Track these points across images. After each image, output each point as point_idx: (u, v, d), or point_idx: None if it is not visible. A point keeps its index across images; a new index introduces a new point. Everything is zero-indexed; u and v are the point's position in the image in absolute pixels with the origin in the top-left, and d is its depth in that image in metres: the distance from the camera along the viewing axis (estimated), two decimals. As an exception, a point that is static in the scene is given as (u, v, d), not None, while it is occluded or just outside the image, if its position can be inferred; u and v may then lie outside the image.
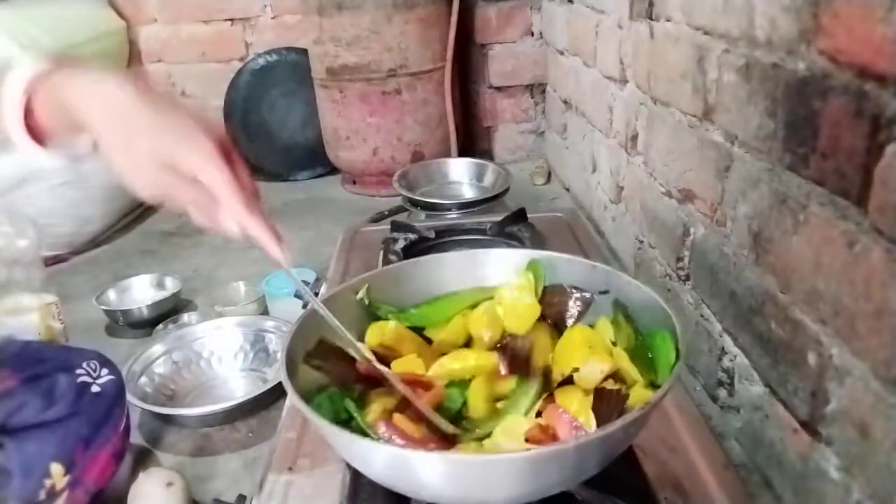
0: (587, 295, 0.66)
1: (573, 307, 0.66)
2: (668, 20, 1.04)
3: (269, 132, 2.26)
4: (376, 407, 0.57)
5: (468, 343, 0.67)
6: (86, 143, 0.56)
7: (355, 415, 0.56)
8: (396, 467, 0.50)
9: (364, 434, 0.53)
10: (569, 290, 0.67)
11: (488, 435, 0.55)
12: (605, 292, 0.66)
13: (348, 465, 0.63)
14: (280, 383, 1.09)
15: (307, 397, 0.54)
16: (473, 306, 0.68)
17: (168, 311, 1.46)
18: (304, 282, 1.11)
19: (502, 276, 0.71)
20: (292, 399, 0.51)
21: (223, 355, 1.27)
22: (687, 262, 1.01)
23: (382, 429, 0.53)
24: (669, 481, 0.61)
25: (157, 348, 1.23)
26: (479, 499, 0.50)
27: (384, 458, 0.49)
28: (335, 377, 0.59)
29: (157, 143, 0.51)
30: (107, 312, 1.44)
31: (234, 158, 0.54)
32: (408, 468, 0.48)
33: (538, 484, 0.48)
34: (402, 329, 0.65)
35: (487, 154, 2.31)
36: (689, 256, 1.00)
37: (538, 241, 1.06)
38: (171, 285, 1.52)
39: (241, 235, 0.53)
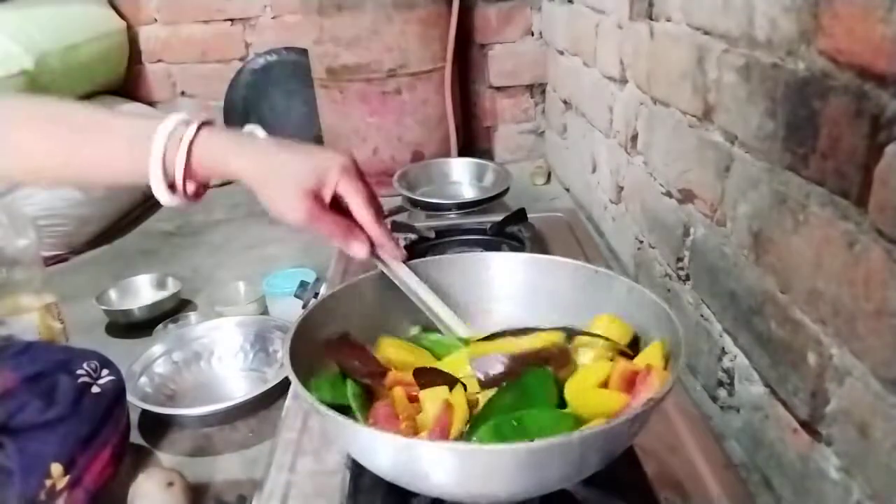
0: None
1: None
2: (668, 20, 1.04)
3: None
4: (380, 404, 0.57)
5: None
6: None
7: (353, 404, 0.56)
8: (399, 457, 0.49)
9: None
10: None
11: None
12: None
13: (348, 466, 0.64)
14: (280, 383, 1.11)
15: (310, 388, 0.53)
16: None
17: (168, 311, 1.46)
18: (302, 282, 1.11)
19: (502, 278, 0.71)
20: (296, 388, 0.51)
21: (223, 355, 1.27)
22: (687, 262, 1.01)
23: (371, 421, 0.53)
24: (669, 481, 0.61)
25: (157, 348, 1.23)
26: (482, 491, 0.49)
27: (388, 447, 0.49)
28: (353, 371, 0.59)
29: (302, 177, 0.58)
30: (107, 312, 1.44)
31: (364, 178, 0.61)
32: (411, 458, 0.48)
33: (541, 476, 0.48)
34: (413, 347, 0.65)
35: (487, 154, 2.31)
36: (689, 256, 1.00)
37: (538, 242, 1.06)
38: (171, 285, 1.52)
39: (367, 255, 0.62)
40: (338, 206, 0.60)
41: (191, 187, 0.61)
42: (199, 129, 0.59)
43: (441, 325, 0.65)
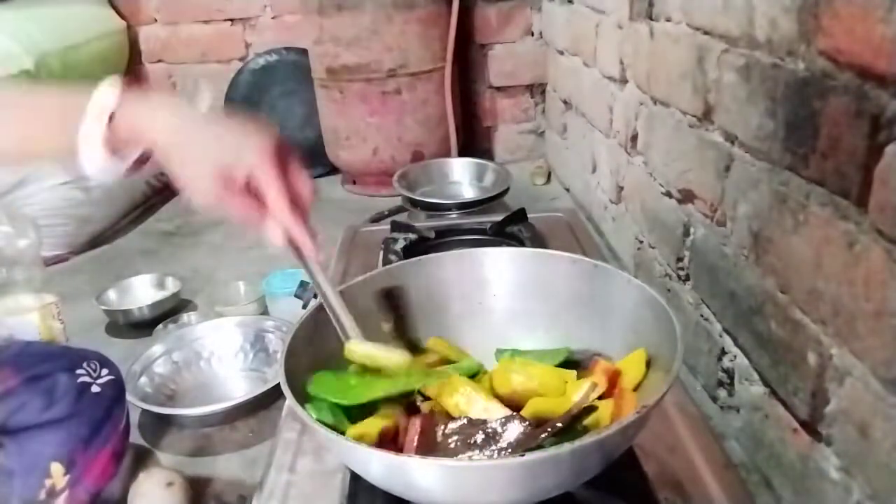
0: None
1: None
2: (668, 20, 1.04)
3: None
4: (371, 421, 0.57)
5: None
6: (130, 159, 0.60)
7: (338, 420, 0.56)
8: (393, 473, 0.50)
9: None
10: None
11: None
12: None
13: (348, 466, 0.64)
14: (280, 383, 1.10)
15: (306, 400, 0.54)
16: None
17: (168, 311, 1.46)
18: (302, 282, 1.11)
19: (501, 276, 0.71)
20: (291, 404, 0.51)
21: (223, 355, 1.27)
22: (687, 262, 1.01)
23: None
24: (669, 481, 0.61)
25: (157, 348, 1.23)
26: (477, 502, 0.50)
27: (381, 464, 0.49)
28: None
29: (214, 156, 0.54)
30: (107, 312, 1.44)
31: (290, 160, 0.57)
32: (404, 474, 0.49)
33: (536, 488, 0.48)
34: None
35: (487, 154, 2.31)
36: (689, 256, 1.00)
37: (538, 241, 1.06)
38: (171, 285, 1.52)
39: (283, 243, 0.57)
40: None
41: (123, 156, 0.58)
42: (123, 95, 0.56)
43: (342, 332, 0.62)
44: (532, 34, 2.18)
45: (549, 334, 0.68)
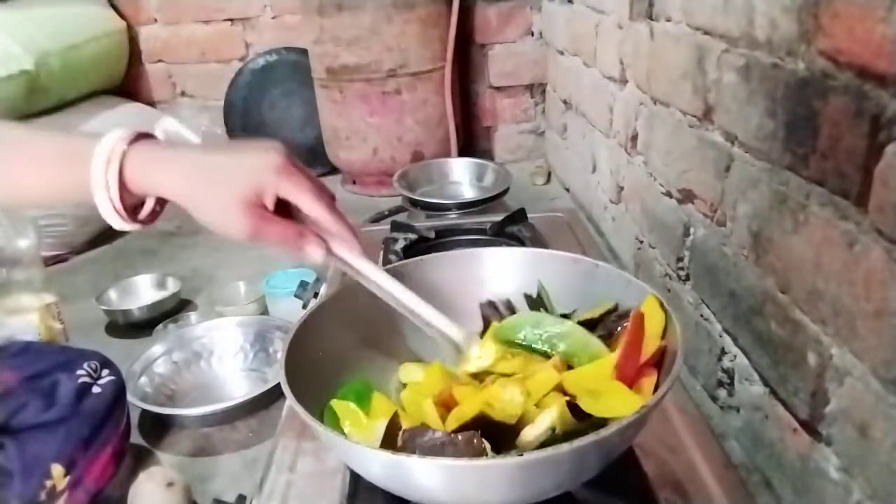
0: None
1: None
2: (668, 20, 1.04)
3: (269, 132, 2.26)
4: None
5: None
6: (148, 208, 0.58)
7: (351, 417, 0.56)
8: (393, 473, 0.50)
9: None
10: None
11: None
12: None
13: (348, 466, 0.64)
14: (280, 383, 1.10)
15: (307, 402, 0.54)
16: None
17: (168, 311, 1.46)
18: (302, 282, 1.11)
19: (501, 276, 0.71)
20: (291, 403, 0.51)
21: (223, 355, 1.27)
22: (687, 262, 1.01)
23: None
24: (669, 481, 0.61)
25: (157, 348, 1.23)
26: (476, 501, 0.50)
27: (380, 463, 0.49)
28: None
29: (236, 189, 0.52)
30: (107, 312, 1.44)
31: (301, 169, 0.55)
32: (403, 474, 0.49)
33: (535, 487, 0.48)
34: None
35: (487, 154, 2.31)
36: (689, 256, 1.00)
37: (538, 242, 1.06)
38: (172, 285, 1.52)
39: (322, 260, 0.56)
40: (281, 207, 0.55)
41: (139, 208, 0.56)
42: (130, 144, 0.53)
43: (419, 321, 0.61)
44: (532, 34, 2.18)
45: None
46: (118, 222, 0.55)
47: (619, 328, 0.61)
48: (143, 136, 0.55)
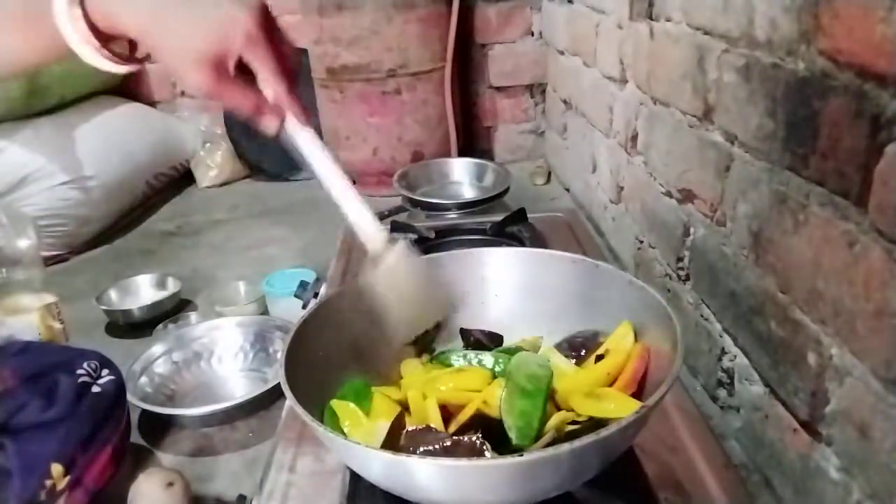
0: None
1: None
2: (668, 20, 1.04)
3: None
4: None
5: None
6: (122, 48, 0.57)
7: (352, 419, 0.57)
8: (393, 473, 0.50)
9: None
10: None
11: None
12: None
13: (348, 466, 0.64)
14: (280, 383, 1.10)
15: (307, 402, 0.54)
16: None
17: (168, 311, 1.46)
18: (302, 282, 1.11)
19: (503, 276, 0.71)
20: (291, 403, 0.51)
21: (223, 355, 1.27)
22: (687, 262, 1.01)
23: None
24: (669, 481, 0.61)
25: (157, 348, 1.23)
26: (477, 502, 0.50)
27: (380, 463, 0.49)
28: None
29: (201, 42, 0.51)
30: (107, 312, 1.44)
31: (275, 26, 0.55)
32: (404, 474, 0.49)
33: (535, 487, 0.48)
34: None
35: (487, 154, 2.31)
36: (689, 256, 1.00)
37: (538, 241, 1.06)
38: (172, 285, 1.52)
39: (275, 133, 0.57)
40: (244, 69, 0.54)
41: (115, 47, 0.55)
42: None
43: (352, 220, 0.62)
44: (532, 34, 2.18)
45: (551, 335, 0.68)
46: (99, 60, 0.55)
47: (585, 351, 0.63)
48: None
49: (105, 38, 0.54)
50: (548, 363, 0.61)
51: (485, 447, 0.50)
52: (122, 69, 0.57)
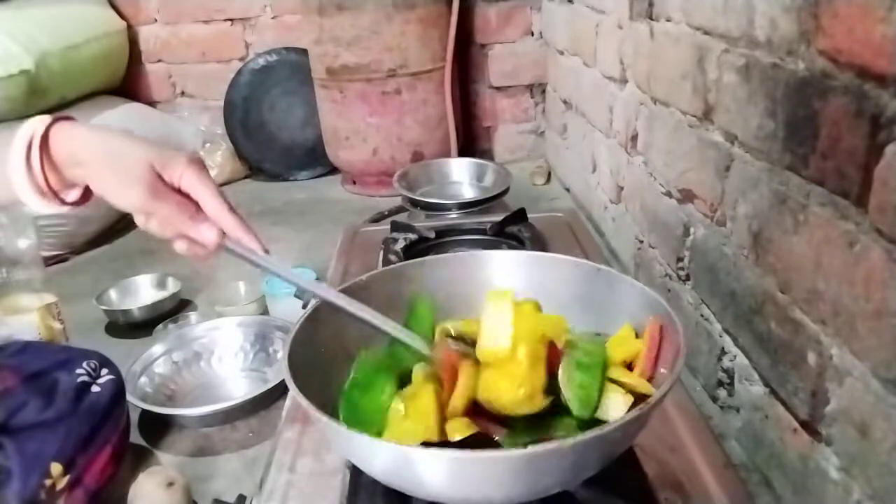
0: None
1: None
2: (668, 20, 1.04)
3: (269, 132, 2.26)
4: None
5: None
6: (76, 192, 0.61)
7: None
8: (397, 465, 0.50)
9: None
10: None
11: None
12: None
13: (348, 466, 0.64)
14: (280, 383, 1.10)
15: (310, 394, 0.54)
16: None
17: (168, 311, 1.46)
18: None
19: (504, 278, 0.71)
20: (295, 395, 0.51)
21: (223, 355, 1.27)
22: (687, 262, 1.01)
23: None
24: (669, 481, 0.61)
25: (157, 348, 1.23)
26: (479, 497, 0.50)
27: (385, 455, 0.49)
28: None
29: (144, 164, 0.54)
30: (107, 312, 1.44)
31: (207, 173, 0.57)
32: (408, 465, 0.48)
33: (537, 482, 0.48)
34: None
35: (487, 154, 2.32)
36: (689, 256, 1.00)
37: (538, 242, 1.06)
38: (172, 285, 1.52)
39: (217, 242, 0.56)
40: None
41: (64, 191, 0.59)
42: (52, 125, 0.56)
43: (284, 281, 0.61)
44: (532, 34, 2.18)
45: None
46: (37, 201, 0.59)
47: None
48: (63, 119, 0.57)
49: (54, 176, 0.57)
50: (602, 339, 0.62)
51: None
52: (50, 207, 0.60)
